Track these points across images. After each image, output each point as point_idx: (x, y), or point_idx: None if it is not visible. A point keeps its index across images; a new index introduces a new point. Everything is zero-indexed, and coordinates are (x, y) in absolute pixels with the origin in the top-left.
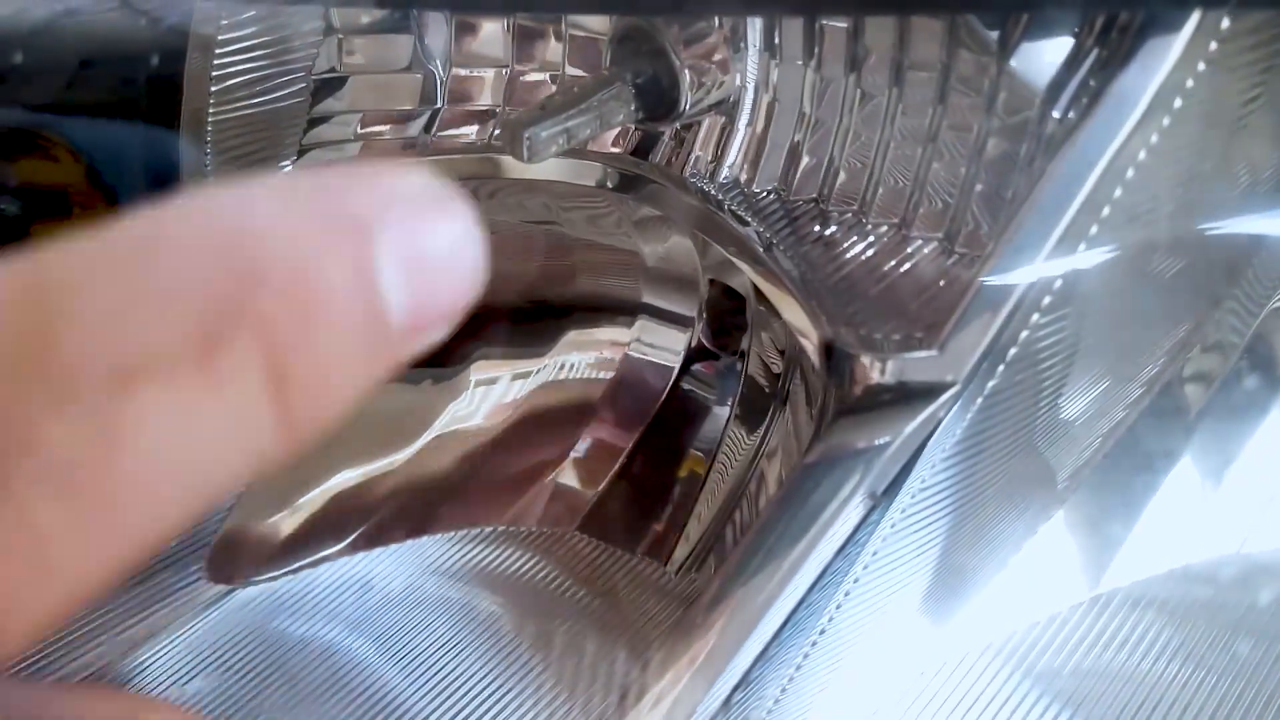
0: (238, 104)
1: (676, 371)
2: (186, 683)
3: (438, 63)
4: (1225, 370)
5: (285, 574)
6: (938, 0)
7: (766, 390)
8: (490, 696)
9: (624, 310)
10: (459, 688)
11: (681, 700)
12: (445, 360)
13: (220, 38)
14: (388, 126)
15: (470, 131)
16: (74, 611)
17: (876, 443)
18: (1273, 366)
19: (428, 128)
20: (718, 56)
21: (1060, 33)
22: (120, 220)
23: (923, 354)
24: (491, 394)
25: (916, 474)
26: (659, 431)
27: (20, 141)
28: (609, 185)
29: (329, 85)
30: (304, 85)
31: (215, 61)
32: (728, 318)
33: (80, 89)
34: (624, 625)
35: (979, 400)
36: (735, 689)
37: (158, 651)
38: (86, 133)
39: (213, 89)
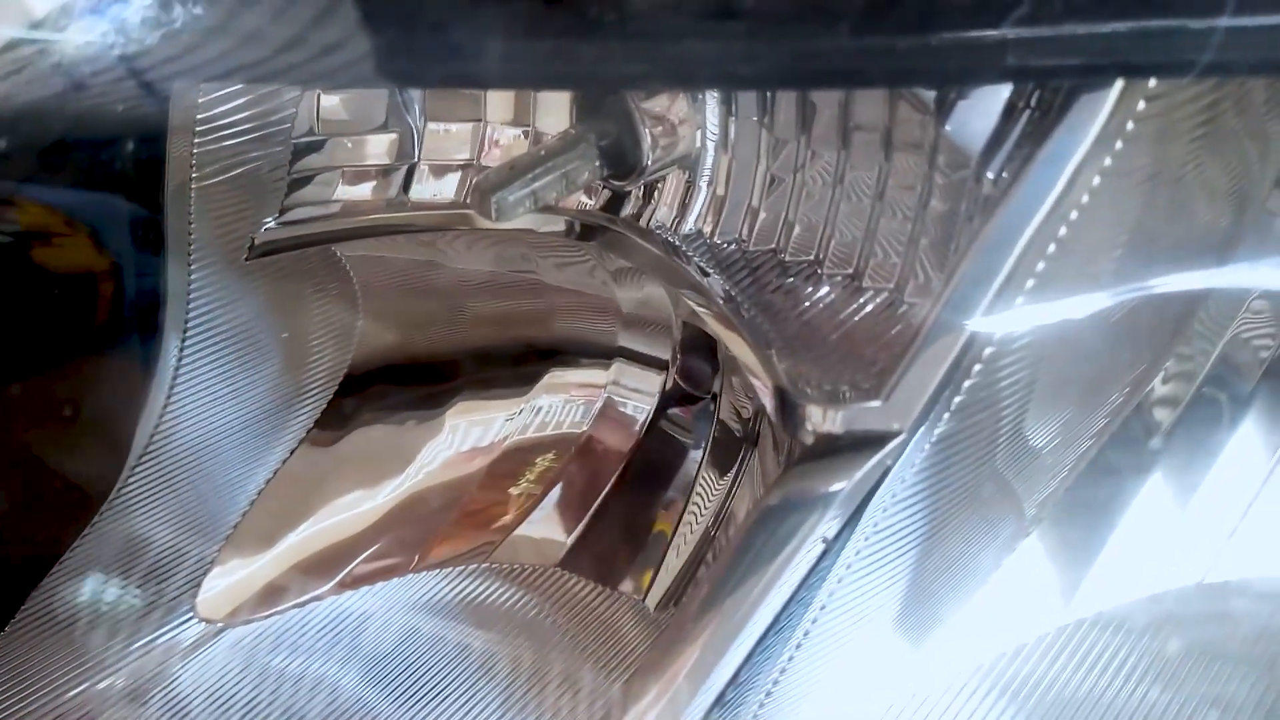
0: (219, 169)
1: (652, 413)
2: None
3: (413, 119)
4: (1187, 399)
5: (275, 613)
6: (863, 75)
7: (737, 434)
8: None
9: (601, 354)
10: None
11: None
12: (426, 403)
13: (200, 101)
14: (369, 185)
15: (449, 183)
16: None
17: (829, 489)
18: (1235, 392)
19: (405, 184)
20: (678, 112)
21: (994, 96)
22: None
23: (868, 404)
24: (472, 435)
25: (868, 518)
26: (635, 472)
27: None
28: (575, 233)
29: (309, 146)
30: (282, 149)
31: (197, 130)
32: (700, 360)
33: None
34: (608, 658)
35: (927, 446)
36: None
37: (155, 691)
38: (61, 196)
39: (195, 154)
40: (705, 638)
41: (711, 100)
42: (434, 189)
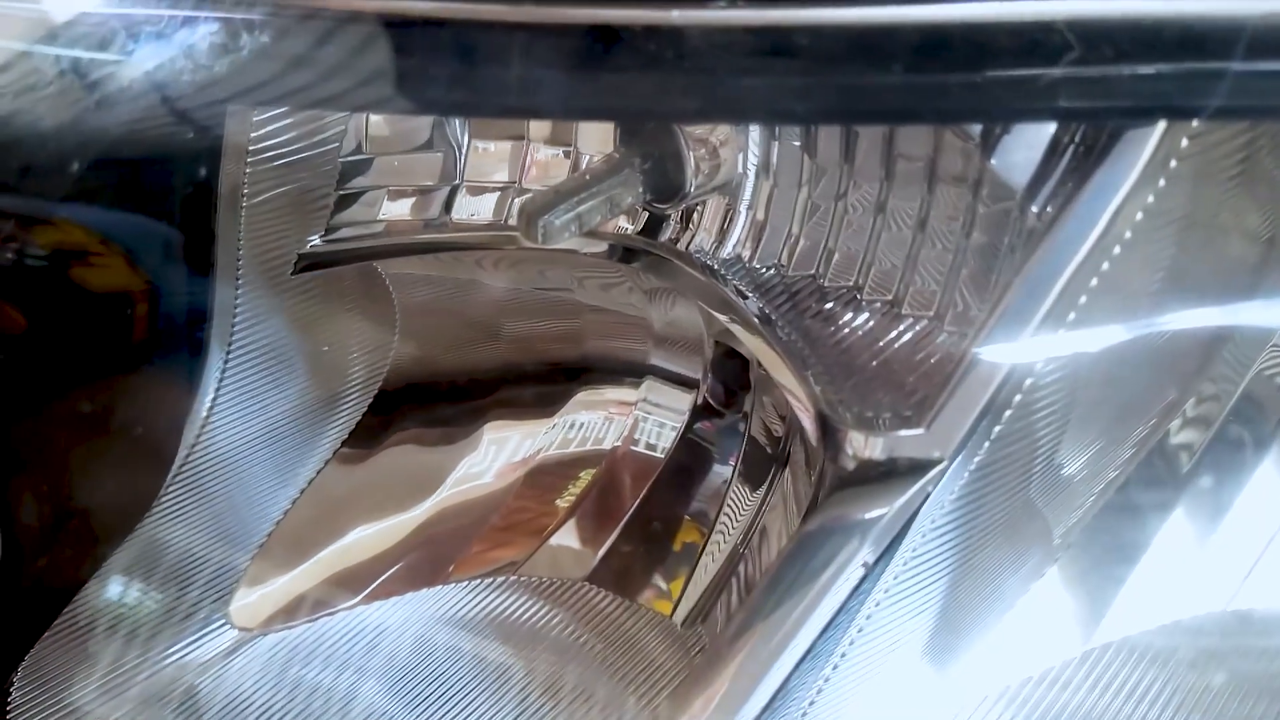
0: (270, 188)
1: (682, 430)
2: None
3: (456, 140)
4: (1213, 430)
5: (304, 623)
6: (914, 112)
7: (769, 451)
8: None
9: (632, 372)
10: None
11: None
12: (458, 420)
13: (254, 119)
14: (410, 203)
15: (488, 205)
16: None
17: (871, 515)
18: (1257, 427)
19: (448, 205)
20: (722, 139)
21: (1039, 131)
22: None
23: (911, 432)
24: (504, 451)
25: (908, 543)
26: (664, 488)
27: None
28: (618, 256)
29: (356, 165)
30: (331, 168)
31: (250, 152)
32: (732, 379)
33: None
34: (632, 672)
35: (966, 474)
36: None
37: (184, 696)
38: (95, 214)
39: (247, 175)
40: (742, 662)
41: (755, 129)
42: (475, 208)
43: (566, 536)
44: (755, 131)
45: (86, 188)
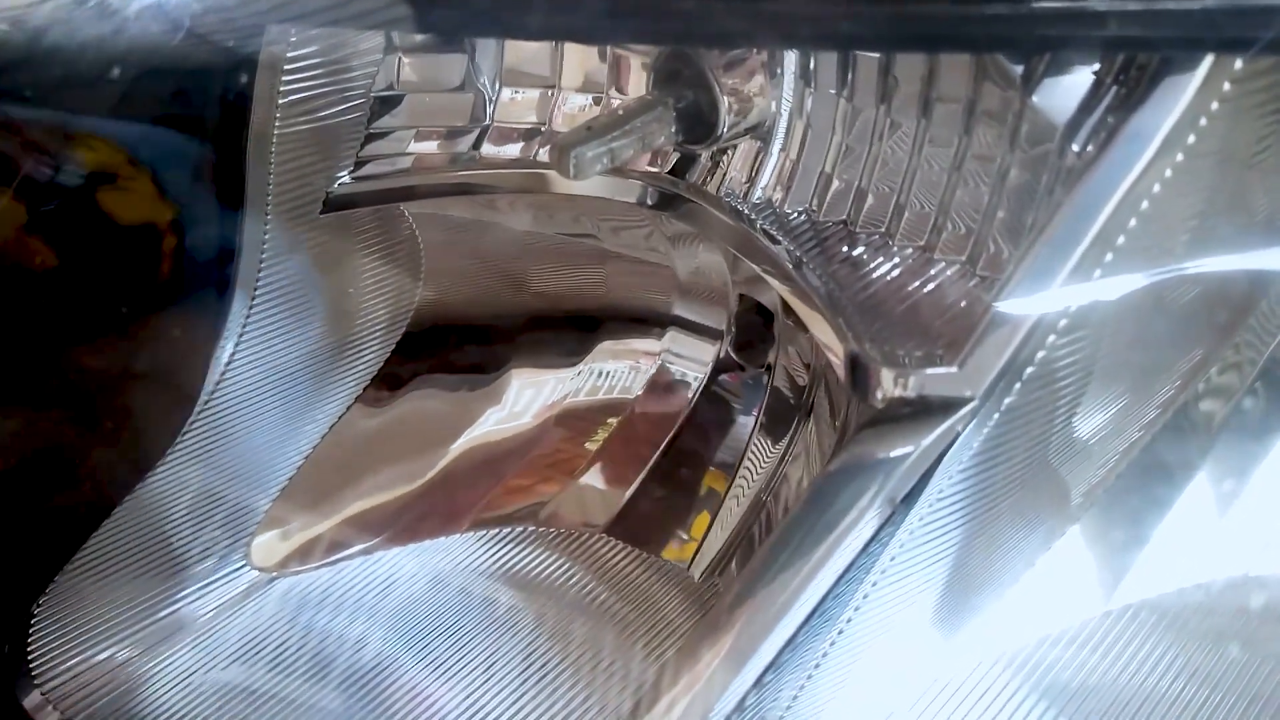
0: (301, 120)
1: (705, 381)
2: (224, 669)
3: (487, 82)
4: (1239, 394)
5: (324, 565)
6: (964, 39)
7: (792, 402)
8: (508, 690)
9: (656, 321)
10: (479, 681)
11: (699, 699)
12: (481, 367)
13: (288, 55)
14: (437, 143)
15: (515, 148)
16: None
17: (896, 453)
18: None
19: (476, 144)
20: (755, 82)
21: (1081, 70)
22: None
23: (943, 370)
24: (524, 400)
25: (934, 484)
26: (686, 439)
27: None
28: (649, 202)
29: (387, 103)
30: (363, 102)
31: (282, 79)
32: (756, 331)
33: (133, 102)
34: (642, 626)
35: (996, 415)
36: (751, 689)
37: (195, 639)
38: (124, 130)
39: (280, 97)
40: (757, 606)
41: (789, 69)
42: (504, 150)
43: (586, 485)
44: (789, 72)
45: (119, 105)
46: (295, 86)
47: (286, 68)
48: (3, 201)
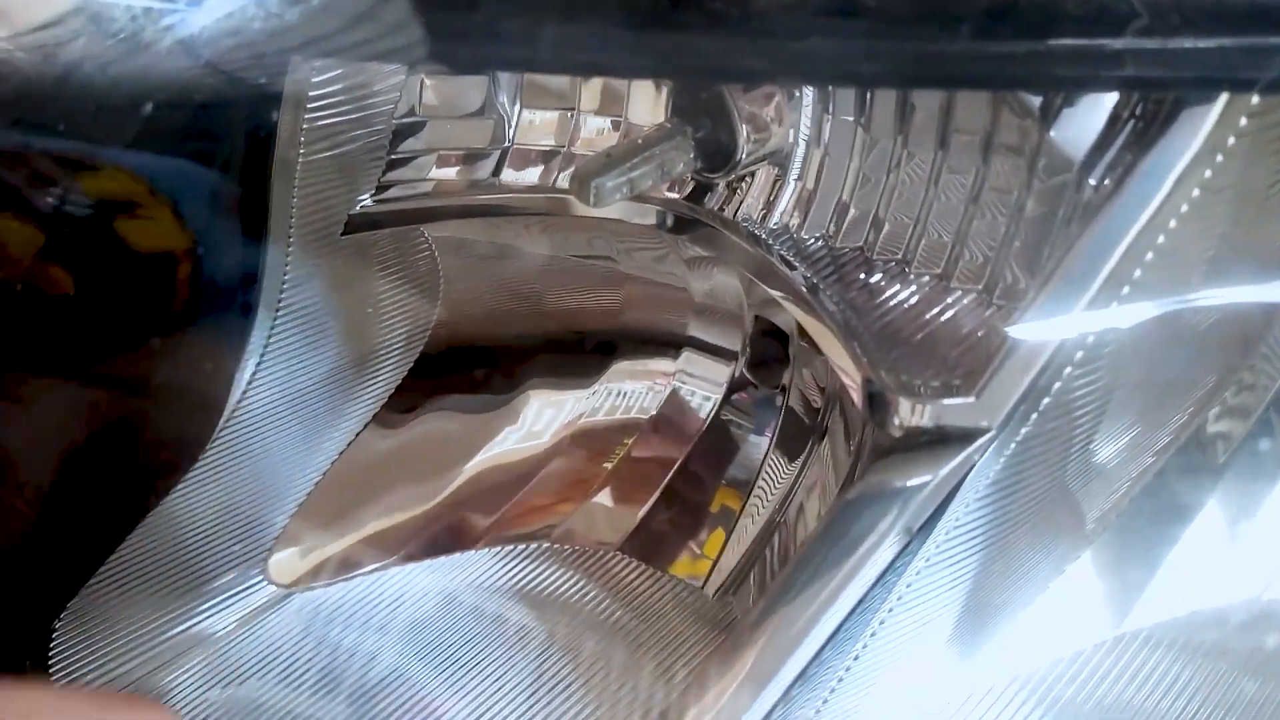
0: (325, 149)
1: (719, 402)
2: (240, 684)
3: (506, 102)
4: (1251, 421)
5: (341, 581)
6: (982, 78)
7: (806, 423)
8: (519, 705)
9: (671, 343)
10: (490, 696)
11: (721, 718)
12: (497, 387)
13: (313, 82)
14: (458, 168)
15: (535, 172)
16: None
17: (914, 482)
18: None
19: (496, 169)
20: (774, 109)
21: (1098, 104)
22: None
23: (960, 400)
24: (541, 420)
25: (951, 513)
26: (701, 457)
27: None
28: (667, 226)
29: (408, 128)
30: (384, 128)
31: (307, 111)
32: (771, 352)
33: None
34: (655, 642)
35: (1012, 445)
36: (772, 709)
37: (212, 653)
38: (147, 161)
39: (304, 128)
40: (775, 632)
41: (808, 97)
42: (523, 175)
43: (605, 499)
44: (808, 101)
45: (145, 138)
46: (319, 117)
47: (311, 98)
48: (23, 229)
